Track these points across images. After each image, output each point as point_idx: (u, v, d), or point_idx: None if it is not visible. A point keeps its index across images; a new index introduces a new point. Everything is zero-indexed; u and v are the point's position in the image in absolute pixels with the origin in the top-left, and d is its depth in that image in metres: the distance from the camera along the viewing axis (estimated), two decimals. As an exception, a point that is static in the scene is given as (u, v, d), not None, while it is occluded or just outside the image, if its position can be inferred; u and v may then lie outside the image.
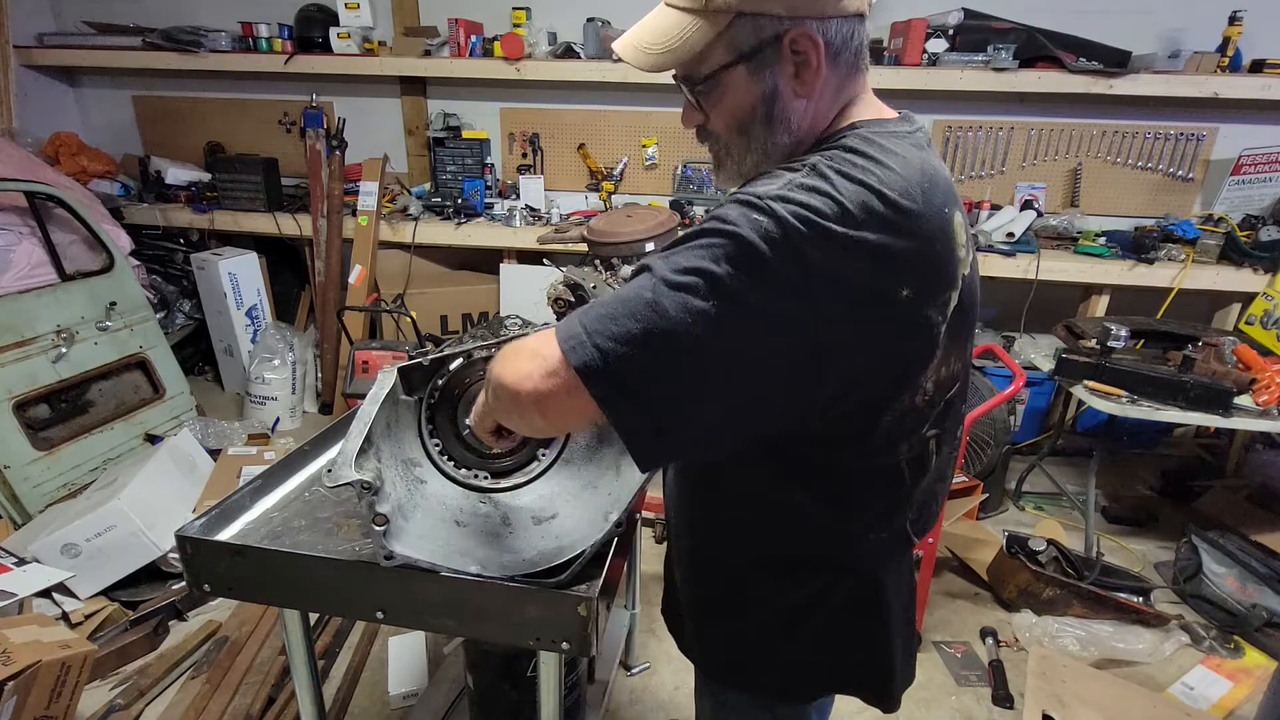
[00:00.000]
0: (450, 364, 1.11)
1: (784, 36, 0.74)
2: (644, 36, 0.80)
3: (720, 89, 0.80)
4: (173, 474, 2.51)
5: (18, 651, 1.63)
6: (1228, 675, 2.16)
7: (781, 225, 0.66)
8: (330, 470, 0.94)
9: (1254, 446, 3.20)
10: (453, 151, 3.70)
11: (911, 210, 0.69)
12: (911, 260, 0.69)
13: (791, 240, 0.65)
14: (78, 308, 2.75)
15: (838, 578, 0.91)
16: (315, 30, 3.57)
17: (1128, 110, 3.26)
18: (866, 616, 0.94)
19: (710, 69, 0.78)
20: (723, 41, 0.76)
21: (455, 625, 1.06)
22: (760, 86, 0.78)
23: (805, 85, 0.77)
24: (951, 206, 0.76)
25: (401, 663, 2.10)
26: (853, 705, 2.02)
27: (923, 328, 0.74)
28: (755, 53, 0.76)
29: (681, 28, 0.77)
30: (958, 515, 2.52)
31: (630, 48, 0.81)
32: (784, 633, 0.94)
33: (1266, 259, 2.97)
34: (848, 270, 0.67)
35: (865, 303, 0.69)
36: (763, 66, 0.77)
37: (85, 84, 4.17)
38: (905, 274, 0.70)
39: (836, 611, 0.92)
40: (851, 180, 0.68)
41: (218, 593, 1.11)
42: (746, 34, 0.75)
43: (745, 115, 0.80)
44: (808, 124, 0.81)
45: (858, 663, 0.97)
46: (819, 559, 0.90)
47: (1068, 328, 2.75)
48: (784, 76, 0.77)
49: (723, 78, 0.78)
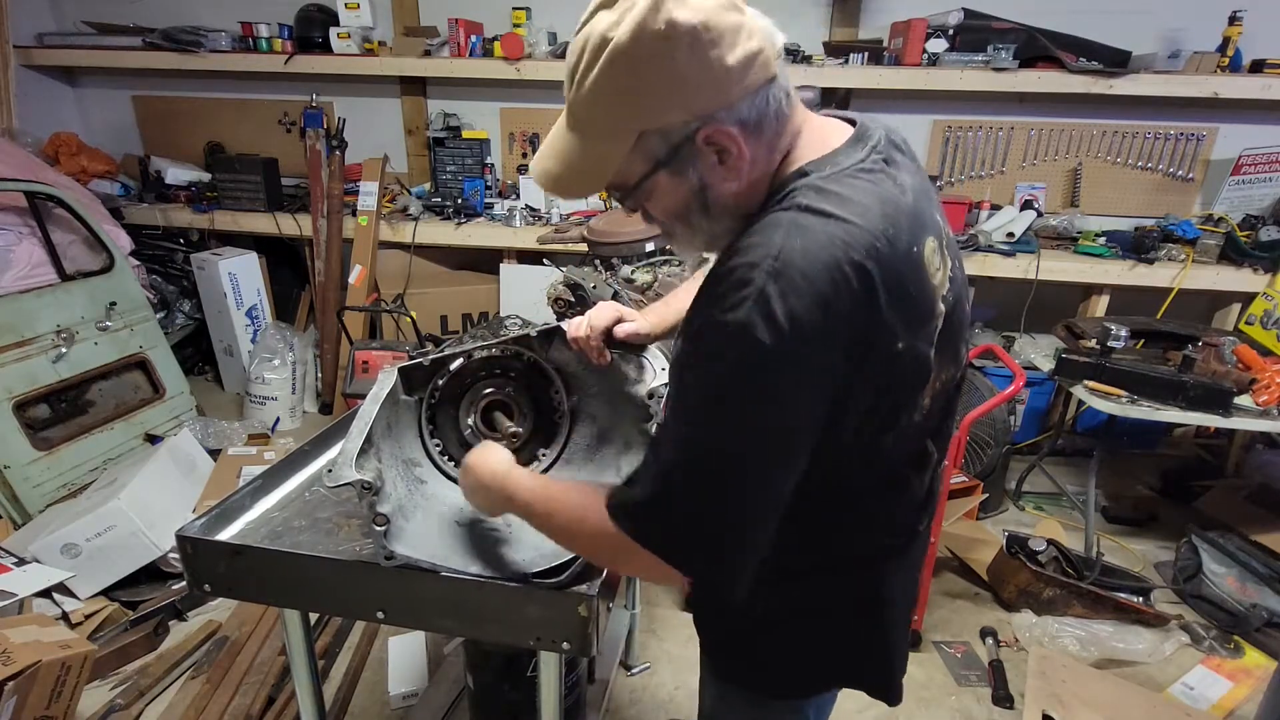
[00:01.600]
0: (450, 364, 1.11)
1: (695, 136, 0.73)
2: (555, 165, 0.79)
3: (649, 192, 0.79)
4: (173, 474, 2.51)
5: (18, 651, 1.63)
6: (1228, 675, 2.16)
7: (774, 331, 0.67)
8: (330, 470, 0.94)
9: (1254, 446, 3.20)
10: (453, 151, 3.69)
11: (882, 265, 0.70)
12: (893, 312, 0.72)
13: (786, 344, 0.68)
14: (78, 308, 2.75)
15: (842, 577, 0.91)
16: (315, 30, 3.57)
17: (1128, 110, 3.26)
18: (870, 613, 0.94)
19: (634, 180, 0.78)
20: (637, 154, 0.75)
21: (455, 625, 1.06)
22: (686, 185, 0.78)
23: (733, 169, 0.76)
24: (919, 236, 0.75)
25: (401, 663, 2.10)
26: (853, 705, 2.02)
27: (917, 361, 0.77)
28: (671, 157, 0.75)
29: (587, 153, 0.77)
30: (958, 515, 2.52)
31: (547, 177, 0.80)
32: (787, 628, 0.94)
33: (1266, 259, 2.97)
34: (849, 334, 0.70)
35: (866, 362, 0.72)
36: (683, 167, 0.76)
37: (85, 84, 4.17)
38: (894, 327, 0.72)
39: (839, 609, 0.93)
40: (820, 261, 0.68)
41: (218, 593, 1.11)
42: (656, 144, 0.75)
43: (681, 209, 0.80)
44: (746, 197, 0.79)
45: (860, 658, 0.97)
46: (825, 560, 0.91)
47: (1068, 328, 2.75)
48: (707, 167, 0.76)
49: (647, 184, 0.78)
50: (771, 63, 0.73)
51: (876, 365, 0.73)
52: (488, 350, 1.13)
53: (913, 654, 2.23)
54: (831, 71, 3.18)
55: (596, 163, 0.77)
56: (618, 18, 0.70)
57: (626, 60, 0.70)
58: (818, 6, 3.42)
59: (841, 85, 3.27)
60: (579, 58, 0.74)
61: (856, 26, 3.42)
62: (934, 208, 0.82)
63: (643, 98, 0.72)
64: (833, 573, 0.91)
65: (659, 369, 1.11)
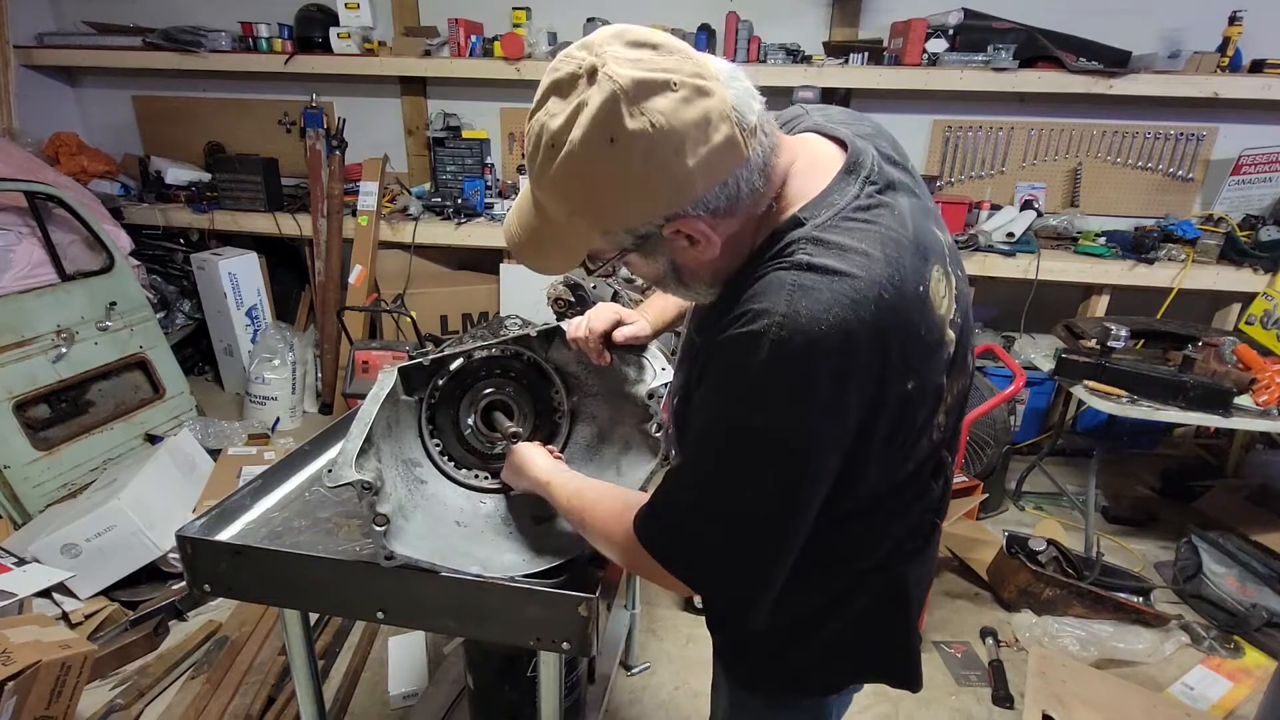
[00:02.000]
0: (450, 364, 1.11)
1: (662, 230, 0.72)
2: (522, 238, 0.79)
3: (622, 264, 0.79)
4: (173, 474, 2.51)
5: (18, 651, 1.63)
6: (1228, 675, 2.16)
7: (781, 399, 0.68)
8: (330, 470, 0.94)
9: (1254, 446, 3.20)
10: (453, 151, 3.69)
11: (891, 315, 0.69)
12: (905, 358, 0.72)
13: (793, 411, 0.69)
14: (78, 308, 2.75)
15: (863, 577, 0.91)
16: (315, 30, 3.57)
17: (1128, 110, 3.26)
18: (891, 610, 0.94)
19: (605, 258, 0.77)
20: (604, 240, 0.75)
21: (455, 625, 1.06)
22: (657, 265, 0.78)
23: (704, 249, 0.73)
24: (923, 271, 0.74)
25: (401, 663, 2.10)
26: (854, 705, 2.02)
27: (931, 392, 0.78)
28: (639, 246, 0.74)
29: (555, 235, 0.76)
30: (958, 515, 2.52)
31: (519, 250, 0.80)
32: (809, 629, 0.94)
33: (1266, 259, 2.97)
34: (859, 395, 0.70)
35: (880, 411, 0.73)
36: (652, 252, 0.76)
37: (85, 84, 4.17)
38: (906, 372, 0.73)
39: (861, 608, 0.92)
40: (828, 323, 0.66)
41: (218, 593, 1.11)
42: (622, 236, 0.73)
43: (658, 279, 0.81)
44: (726, 259, 0.77)
45: (887, 651, 0.97)
46: (851, 567, 0.91)
47: (1068, 328, 2.75)
48: (678, 250, 0.75)
49: (619, 261, 0.78)
50: (742, 146, 0.68)
51: (892, 410, 0.73)
52: (488, 350, 1.13)
53: (913, 654, 2.23)
54: (831, 71, 3.18)
55: (564, 247, 0.77)
56: (570, 114, 0.66)
57: (579, 166, 0.67)
58: (818, 6, 3.42)
59: (841, 85, 3.27)
60: (535, 148, 0.70)
61: (856, 26, 3.42)
62: (933, 223, 0.81)
63: (600, 204, 0.70)
64: (858, 577, 0.91)
65: (659, 369, 1.11)
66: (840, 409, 0.70)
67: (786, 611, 0.92)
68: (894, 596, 0.93)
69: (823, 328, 0.66)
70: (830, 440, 0.72)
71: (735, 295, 0.74)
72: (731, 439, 0.73)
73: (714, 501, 0.75)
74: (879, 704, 2.04)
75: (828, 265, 0.69)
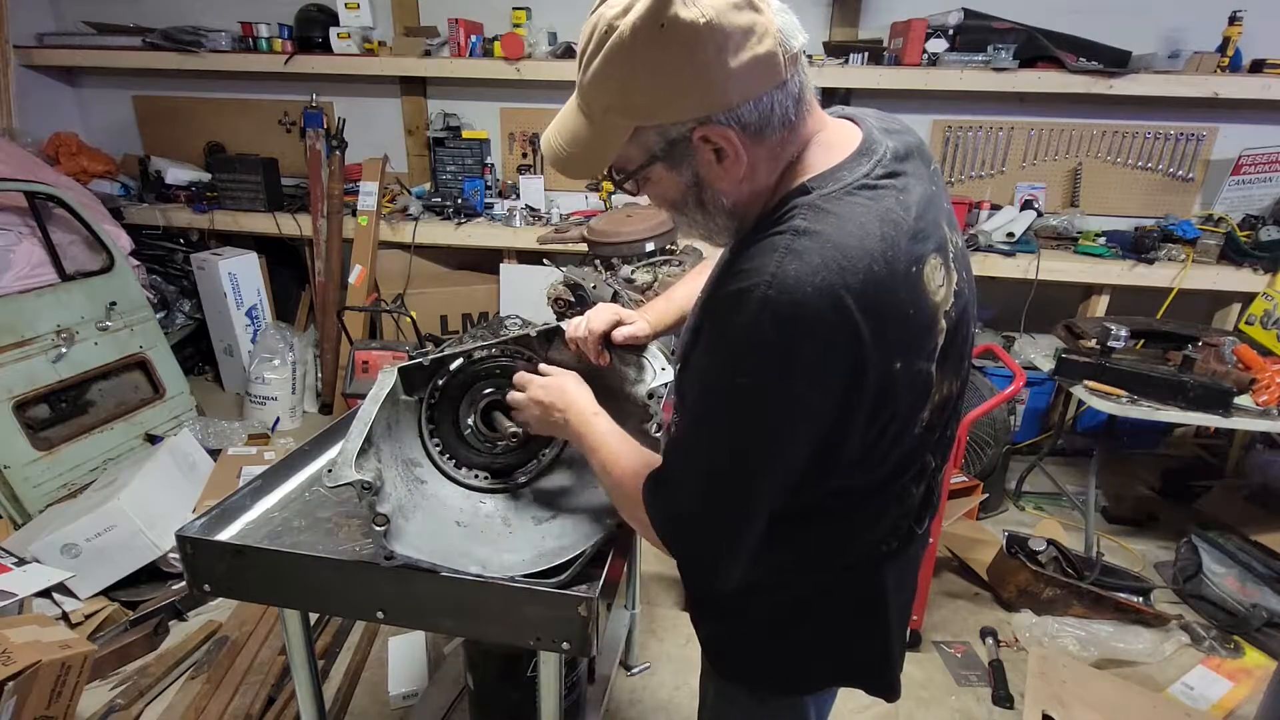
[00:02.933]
0: (450, 364, 1.11)
1: (692, 134, 0.73)
2: (562, 141, 0.80)
3: (645, 181, 0.80)
4: (173, 474, 2.51)
5: (18, 651, 1.63)
6: (1228, 675, 2.16)
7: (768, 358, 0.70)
8: (330, 470, 0.94)
9: (1254, 446, 3.19)
10: (453, 151, 3.70)
11: (878, 288, 0.70)
12: (891, 335, 0.72)
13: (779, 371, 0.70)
14: (78, 308, 2.75)
15: (838, 577, 0.91)
16: (315, 30, 3.57)
17: (1128, 110, 3.26)
18: (868, 612, 0.94)
19: (632, 167, 0.79)
20: (635, 145, 0.76)
21: (455, 625, 1.06)
22: (682, 179, 0.78)
23: (729, 170, 0.75)
24: (920, 255, 0.74)
25: (401, 663, 2.10)
26: (854, 705, 2.02)
27: (917, 378, 0.78)
28: (667, 153, 0.75)
29: (589, 136, 0.77)
30: (958, 515, 2.52)
31: (553, 153, 0.81)
32: (785, 627, 0.94)
33: (1266, 259, 2.96)
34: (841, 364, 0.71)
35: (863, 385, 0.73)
36: (679, 162, 0.76)
37: (85, 84, 4.17)
38: (891, 349, 0.73)
39: (837, 607, 0.93)
40: (814, 286, 0.67)
41: (218, 593, 1.11)
42: (653, 139, 0.75)
43: (677, 201, 0.81)
44: (745, 198, 0.79)
45: (860, 656, 0.97)
46: (823, 563, 0.91)
47: (1068, 328, 2.75)
48: (704, 165, 0.76)
49: (643, 174, 0.79)
50: (781, 68, 0.71)
51: (874, 386, 0.73)
52: (488, 350, 1.13)
53: (913, 654, 2.23)
54: (831, 71, 3.18)
55: (596, 148, 0.77)
56: (626, 5, 0.69)
57: (626, 54, 0.69)
58: (818, 6, 3.42)
59: (841, 85, 3.27)
60: (587, 40, 0.74)
61: (856, 26, 3.42)
62: (945, 220, 0.81)
63: (639, 93, 0.72)
64: (831, 574, 0.91)
65: (659, 369, 1.11)
66: (820, 375, 0.71)
67: (762, 609, 0.94)
68: (869, 598, 0.93)
69: (809, 290, 0.67)
70: (807, 407, 0.73)
71: (733, 260, 0.77)
72: (715, 397, 0.76)
73: (693, 457, 0.80)
74: (878, 703, 2.03)
75: (822, 232, 0.70)
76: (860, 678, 0.99)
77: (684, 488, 0.80)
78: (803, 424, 0.74)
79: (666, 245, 2.52)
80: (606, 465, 0.93)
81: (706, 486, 0.78)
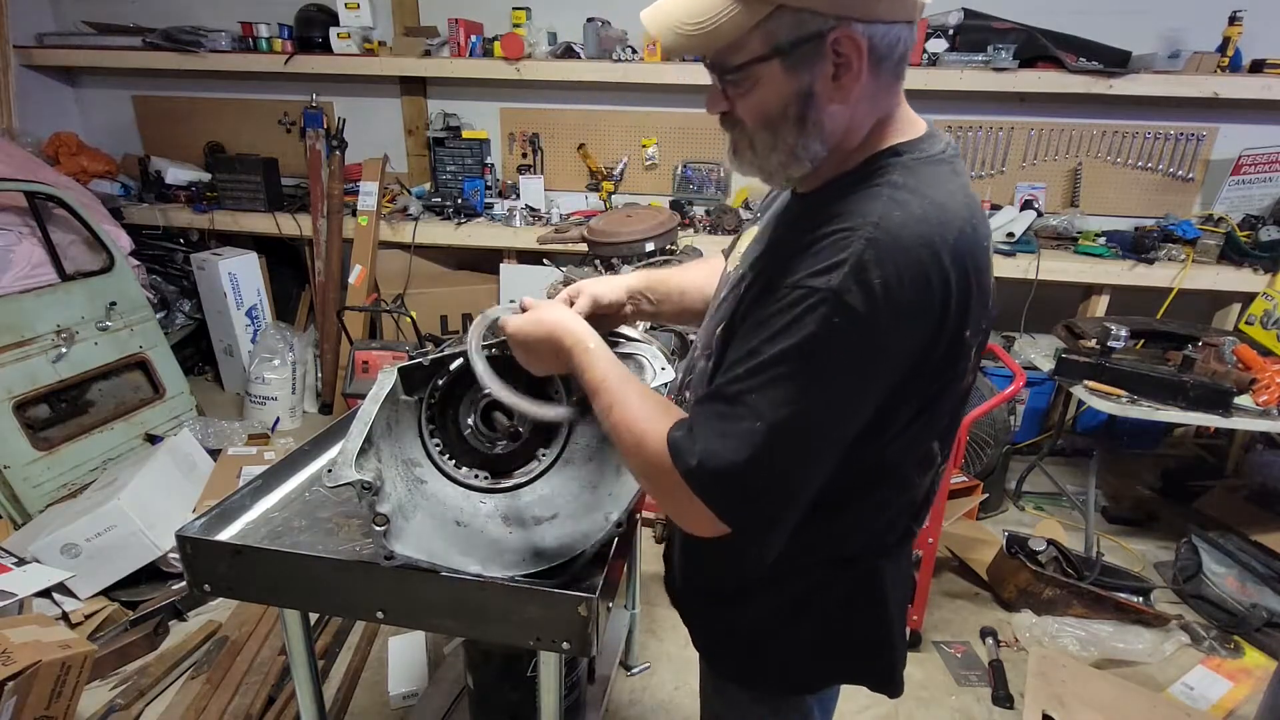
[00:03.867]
0: (450, 364, 1.11)
1: (827, 35, 0.69)
2: (676, 13, 0.73)
3: (751, 81, 0.74)
4: (173, 474, 2.51)
5: (18, 651, 1.63)
6: (1228, 675, 2.16)
7: (868, 299, 0.68)
8: (330, 470, 0.94)
9: (1254, 446, 3.19)
10: (453, 151, 3.70)
11: (967, 252, 0.72)
12: (971, 301, 0.74)
13: (877, 313, 0.68)
14: (78, 308, 2.75)
15: (839, 570, 0.91)
16: (315, 30, 3.57)
17: (1128, 110, 3.26)
18: (866, 606, 0.94)
19: (743, 59, 0.73)
20: (760, 32, 0.71)
21: (455, 625, 1.06)
22: (794, 85, 0.73)
23: (843, 90, 0.72)
24: (986, 233, 0.78)
25: (401, 663, 2.10)
26: (854, 705, 2.02)
27: (970, 354, 0.79)
28: (793, 49, 0.70)
29: (717, 10, 0.71)
30: (958, 515, 2.52)
31: (661, 25, 0.74)
32: (784, 625, 0.94)
33: (1266, 259, 2.97)
34: (928, 319, 0.72)
35: (938, 345, 0.74)
36: (800, 64, 0.71)
37: (85, 84, 4.17)
38: (968, 316, 0.74)
39: (836, 603, 0.93)
40: (918, 235, 0.69)
41: (218, 593, 1.11)
42: (786, 28, 0.70)
43: (775, 113, 0.75)
44: (840, 132, 0.76)
45: (861, 653, 0.97)
46: (820, 559, 0.91)
47: (1068, 328, 2.75)
48: (821, 78, 0.72)
49: (756, 70, 0.73)
50: (916, 6, 0.72)
51: (943, 349, 0.74)
52: (488, 350, 1.13)
53: (913, 654, 2.22)
54: (831, 71, 3.18)
55: (721, 22, 0.71)
56: None
57: None
58: (818, 6, 3.42)
59: (841, 85, 3.27)
60: None
61: (857, 26, 3.42)
62: None
63: None
64: (831, 569, 0.91)
65: (659, 369, 1.11)
66: (910, 324, 0.71)
67: (762, 605, 0.93)
68: (869, 592, 0.93)
69: (913, 237, 0.69)
70: (890, 356, 0.72)
71: (821, 209, 0.75)
72: (794, 337, 0.70)
73: (757, 404, 0.71)
74: (879, 704, 2.04)
75: (919, 189, 0.73)
76: (863, 674, 0.99)
77: (744, 438, 0.71)
78: (881, 374, 0.72)
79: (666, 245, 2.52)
80: (614, 410, 0.83)
81: (770, 438, 0.70)
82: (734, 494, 0.73)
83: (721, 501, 0.73)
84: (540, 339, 0.92)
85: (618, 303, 1.07)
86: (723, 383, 0.75)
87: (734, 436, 0.71)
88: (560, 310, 0.95)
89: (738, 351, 0.75)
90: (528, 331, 0.93)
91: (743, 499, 0.73)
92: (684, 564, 1.05)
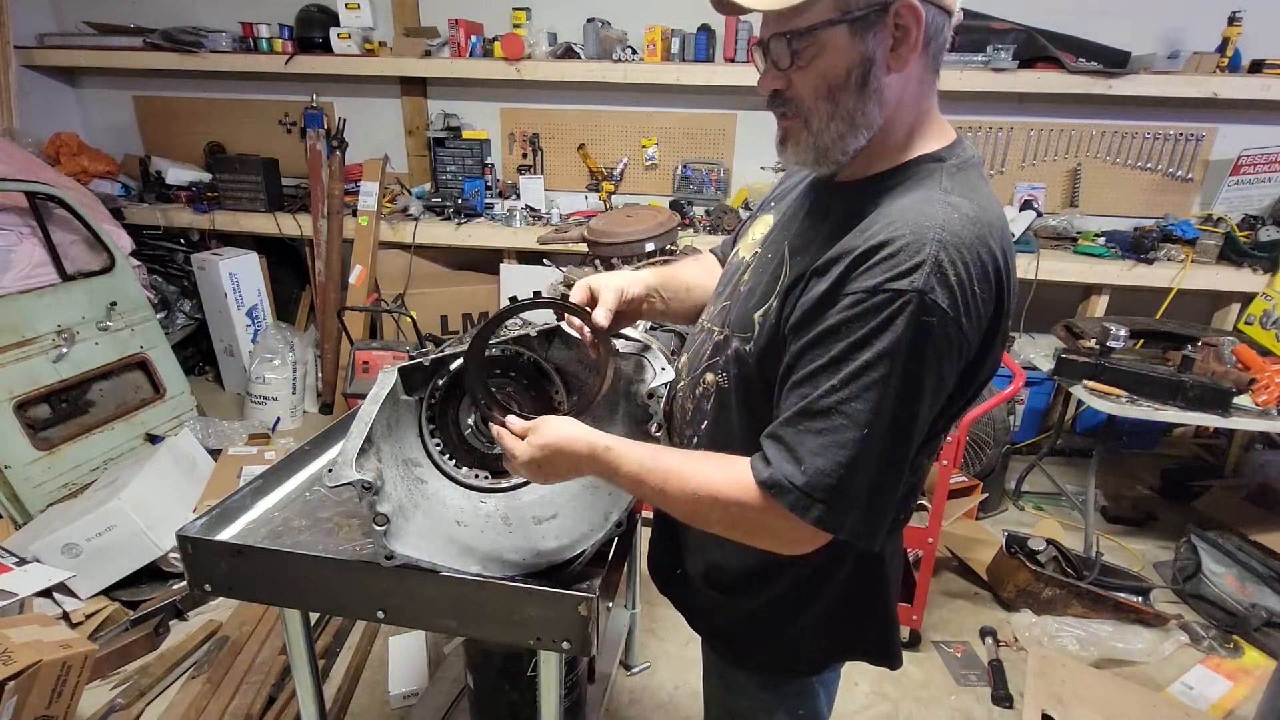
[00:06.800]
0: (450, 364, 1.11)
1: (891, 4, 0.74)
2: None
3: (816, 46, 0.76)
4: (173, 474, 2.51)
5: (18, 651, 1.63)
6: (1227, 675, 2.16)
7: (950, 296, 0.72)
8: (331, 470, 0.95)
9: (1253, 446, 3.20)
10: (453, 151, 3.70)
11: (1009, 254, 0.78)
12: (1010, 299, 0.79)
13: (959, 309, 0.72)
14: (78, 308, 2.75)
15: (848, 550, 0.91)
16: (315, 30, 3.57)
17: (1127, 110, 3.26)
18: (870, 583, 0.96)
19: (811, 22, 0.75)
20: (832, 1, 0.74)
21: (455, 625, 1.07)
22: (859, 50, 0.76)
23: (900, 60, 0.77)
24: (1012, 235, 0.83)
25: (401, 663, 2.10)
26: (854, 705, 2.02)
27: (1004, 342, 0.83)
28: (860, 16, 0.74)
29: None
30: (958, 515, 2.53)
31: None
32: (797, 608, 0.95)
33: (1266, 259, 2.97)
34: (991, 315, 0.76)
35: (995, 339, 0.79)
36: (865, 30, 0.75)
37: (85, 84, 4.17)
38: (1008, 308, 0.79)
39: (842, 582, 0.94)
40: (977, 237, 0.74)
41: (218, 592, 1.12)
42: None
43: (838, 79, 0.77)
44: (894, 104, 0.80)
45: (862, 629, 0.99)
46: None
47: (1067, 328, 2.75)
48: (882, 46, 0.76)
49: (822, 35, 0.75)
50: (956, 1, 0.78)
51: (996, 346, 0.80)
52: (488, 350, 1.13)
53: (913, 654, 2.23)
54: (831, 72, 3.18)
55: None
56: None
57: None
58: (817, 7, 3.43)
59: (841, 85, 3.27)
60: None
61: (856, 27, 3.42)
62: None
63: None
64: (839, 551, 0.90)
65: (659, 369, 1.11)
66: (979, 319, 0.75)
67: (771, 589, 0.94)
68: (873, 569, 0.95)
69: (974, 238, 0.73)
70: (961, 350, 0.75)
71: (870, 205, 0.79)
72: (893, 339, 0.71)
73: (852, 413, 0.73)
74: (879, 704, 2.04)
75: (966, 193, 0.78)
76: (865, 649, 1.01)
77: (848, 448, 0.72)
78: (959, 365, 0.76)
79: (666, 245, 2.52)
80: (669, 485, 0.81)
81: (876, 444, 0.73)
82: (846, 504, 0.74)
83: (834, 516, 0.75)
84: (550, 458, 0.89)
85: (640, 297, 1.05)
86: (811, 398, 0.75)
87: (838, 448, 0.73)
88: (554, 422, 0.91)
89: (812, 362, 0.75)
90: (538, 458, 0.89)
91: (853, 505, 0.75)
92: (693, 555, 1.05)
